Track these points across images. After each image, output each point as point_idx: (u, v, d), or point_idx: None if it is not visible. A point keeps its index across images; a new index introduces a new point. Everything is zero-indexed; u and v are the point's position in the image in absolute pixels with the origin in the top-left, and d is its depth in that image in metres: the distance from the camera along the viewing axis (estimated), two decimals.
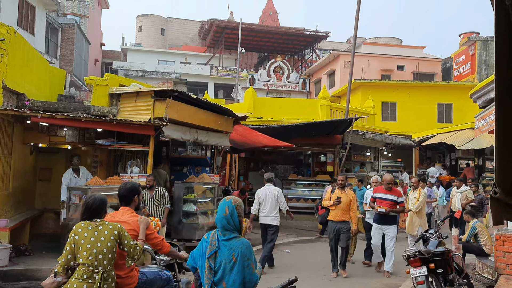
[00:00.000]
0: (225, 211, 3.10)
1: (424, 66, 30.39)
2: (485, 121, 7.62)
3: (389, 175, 8.11)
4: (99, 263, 3.43)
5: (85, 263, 3.41)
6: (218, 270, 2.99)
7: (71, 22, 24.33)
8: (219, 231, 3.10)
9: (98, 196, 3.75)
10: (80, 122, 7.65)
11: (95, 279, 3.39)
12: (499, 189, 2.38)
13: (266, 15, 41.49)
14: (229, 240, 3.05)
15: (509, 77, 2.34)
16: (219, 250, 3.02)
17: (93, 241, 3.46)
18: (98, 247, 3.45)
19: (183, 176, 10.81)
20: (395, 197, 7.73)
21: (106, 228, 3.54)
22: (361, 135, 15.96)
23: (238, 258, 2.98)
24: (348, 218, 7.74)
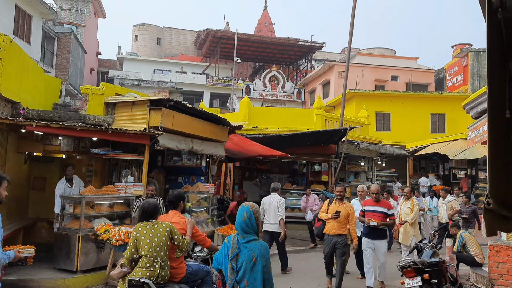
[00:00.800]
0: (244, 216, 3.41)
1: (418, 77, 30.65)
2: (478, 131, 7.69)
3: (376, 185, 7.70)
4: (157, 254, 4.22)
5: (146, 254, 4.20)
6: (240, 270, 3.29)
7: (68, 31, 24.37)
8: (239, 234, 3.41)
9: (152, 202, 4.60)
10: (75, 131, 7.63)
11: (155, 267, 4.19)
12: (492, 200, 2.41)
13: (261, 26, 41.75)
14: (248, 242, 3.35)
15: (501, 89, 2.38)
16: (240, 252, 3.32)
17: (152, 237, 4.25)
18: (156, 241, 4.23)
19: (178, 185, 10.79)
20: (385, 209, 7.36)
21: (161, 226, 4.34)
22: (355, 145, 16.03)
23: (258, 258, 3.28)
24: (345, 232, 7.21)
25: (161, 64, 38.09)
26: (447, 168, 20.05)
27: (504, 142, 2.44)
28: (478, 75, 25.46)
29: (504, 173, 2.44)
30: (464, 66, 26.54)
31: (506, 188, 2.45)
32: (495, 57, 2.32)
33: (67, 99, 20.71)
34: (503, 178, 2.43)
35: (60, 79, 15.88)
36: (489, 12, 2.19)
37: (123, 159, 9.09)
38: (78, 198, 7.55)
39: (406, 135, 23.26)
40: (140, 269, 4.19)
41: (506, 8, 2.16)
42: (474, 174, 17.24)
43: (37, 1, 18.93)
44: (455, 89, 27.22)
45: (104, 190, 7.97)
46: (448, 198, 10.91)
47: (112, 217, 8.14)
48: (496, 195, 2.40)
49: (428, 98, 25.44)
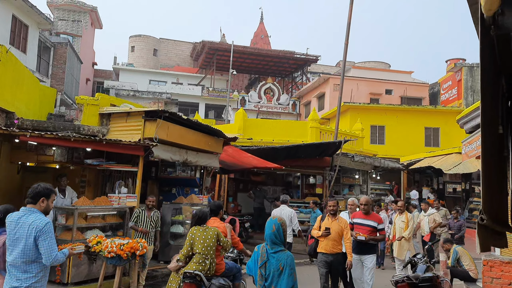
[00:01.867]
0: (273, 228, 3.82)
1: (412, 91, 30.88)
2: (472, 146, 7.73)
3: (365, 197, 7.33)
4: (208, 253, 5.15)
5: (200, 252, 5.14)
6: (268, 277, 3.67)
7: (64, 41, 24.40)
8: (268, 245, 3.79)
9: (204, 210, 5.64)
10: (69, 141, 7.60)
11: (206, 263, 5.14)
12: (486, 216, 2.41)
13: (257, 38, 42.01)
14: (276, 252, 3.74)
15: (494, 105, 2.40)
16: (268, 261, 3.69)
17: (204, 238, 5.19)
18: (207, 242, 5.17)
19: (172, 197, 10.74)
20: (375, 223, 6.89)
21: (210, 230, 5.29)
22: (350, 158, 16.04)
23: (285, 267, 3.65)
24: (340, 250, 6.57)
25: (157, 75, 38.16)
26: (441, 182, 20.11)
27: (497, 157, 2.45)
28: (472, 89, 25.69)
29: (497, 188, 2.45)
30: (458, 80, 26.79)
31: (500, 203, 2.45)
32: (488, 73, 2.34)
33: (62, 109, 20.67)
34: (496, 194, 2.44)
35: (55, 89, 15.86)
36: (482, 29, 2.22)
37: (117, 170, 9.05)
38: (71, 209, 7.48)
39: (400, 148, 23.35)
40: (194, 264, 5.12)
41: (499, 26, 2.19)
42: (468, 188, 17.29)
43: (34, 11, 18.97)
44: (449, 103, 27.43)
45: (97, 201, 7.91)
46: (430, 211, 10.69)
47: (105, 229, 8.08)
48: (490, 210, 2.41)
49: (423, 112, 25.60)
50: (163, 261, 9.06)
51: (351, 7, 14.47)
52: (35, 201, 3.86)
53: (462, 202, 16.98)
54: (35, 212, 3.78)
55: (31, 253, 3.64)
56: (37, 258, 3.67)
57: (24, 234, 3.64)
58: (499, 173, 2.44)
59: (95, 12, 33.00)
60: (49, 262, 3.69)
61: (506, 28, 2.18)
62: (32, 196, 3.87)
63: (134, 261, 6.97)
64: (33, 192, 3.89)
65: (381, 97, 30.28)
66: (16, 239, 3.68)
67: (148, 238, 7.86)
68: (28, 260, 3.64)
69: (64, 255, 3.90)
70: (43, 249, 3.64)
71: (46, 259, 3.67)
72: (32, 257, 3.64)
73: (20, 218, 3.74)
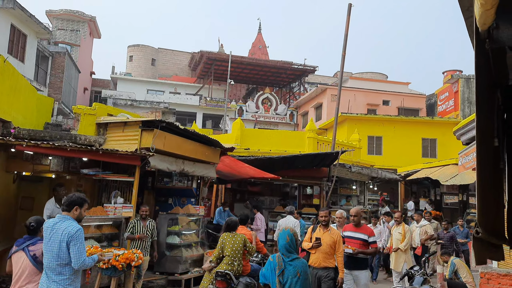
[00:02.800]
0: (287, 239, 4.19)
1: (409, 102, 31.02)
2: (468, 157, 7.74)
3: (356, 208, 7.04)
4: (236, 255, 6.02)
5: (229, 255, 6.00)
6: (286, 284, 4.01)
7: (62, 51, 24.47)
8: (284, 254, 4.13)
9: (234, 219, 6.69)
10: (65, 151, 7.58)
11: (234, 264, 5.99)
12: (481, 229, 2.40)
13: (255, 48, 42.23)
14: (293, 260, 4.11)
15: (489, 118, 2.41)
16: (286, 269, 4.03)
17: (233, 243, 6.07)
18: (235, 247, 6.05)
19: (168, 207, 10.68)
20: (365, 236, 6.50)
21: (239, 237, 6.20)
22: (347, 169, 16.04)
23: (301, 274, 4.02)
24: (332, 264, 6.09)
25: (155, 85, 38.24)
26: (439, 193, 20.09)
27: (493, 170, 2.45)
28: (469, 101, 25.82)
29: (493, 201, 2.44)
30: (454, 92, 26.92)
31: (496, 216, 2.45)
32: (483, 86, 2.35)
33: (59, 118, 20.64)
34: (492, 207, 2.43)
35: (53, 98, 15.84)
36: (477, 42, 2.23)
37: (113, 180, 9.01)
38: None
39: (397, 159, 23.36)
40: (224, 265, 5.96)
41: (494, 39, 2.20)
42: (466, 199, 17.27)
43: (33, 21, 19.04)
44: (446, 114, 27.54)
45: (92, 211, 7.86)
46: (422, 222, 10.49)
47: (100, 239, 8.02)
48: (485, 223, 2.40)
49: (420, 123, 25.68)
50: (159, 272, 8.98)
51: (348, 18, 14.58)
52: (69, 209, 4.19)
53: (460, 213, 16.94)
54: (68, 219, 4.12)
55: (65, 257, 3.97)
56: (70, 261, 3.99)
57: (58, 239, 3.98)
58: (495, 185, 2.44)
59: (93, 22, 33.13)
60: (77, 266, 3.99)
61: (501, 41, 2.19)
62: (67, 205, 4.20)
63: (130, 272, 6.92)
64: (68, 201, 4.22)
65: (378, 108, 30.39)
66: (51, 243, 4.00)
67: (144, 248, 7.80)
68: (62, 263, 3.97)
69: (93, 261, 4.25)
70: (72, 253, 3.96)
71: (74, 263, 3.98)
72: (65, 260, 3.97)
73: (55, 224, 4.07)
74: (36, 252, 4.29)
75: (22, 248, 4.36)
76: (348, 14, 14.55)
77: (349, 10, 14.57)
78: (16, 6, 17.53)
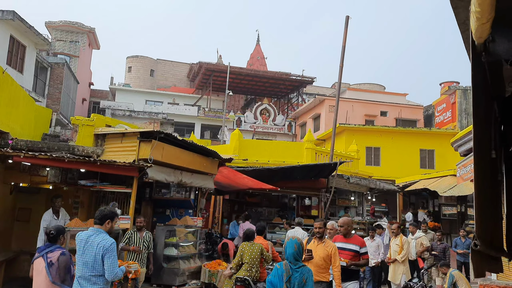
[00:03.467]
0: (294, 248, 4.41)
1: (407, 113, 31.12)
2: (466, 169, 7.75)
3: (344, 217, 6.73)
4: (254, 262, 6.56)
5: (248, 262, 6.53)
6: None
7: (61, 62, 24.54)
8: (291, 262, 4.36)
9: (251, 229, 7.35)
10: (63, 162, 7.56)
11: (252, 271, 6.51)
12: (480, 241, 2.40)
13: (254, 59, 42.45)
14: (299, 267, 4.35)
15: (486, 130, 2.41)
16: (292, 276, 4.24)
17: (251, 252, 6.62)
18: (253, 255, 6.60)
19: (166, 218, 10.63)
20: (356, 247, 6.24)
21: (256, 245, 6.76)
22: (345, 180, 16.02)
23: (307, 280, 4.27)
24: (325, 278, 5.74)
25: (153, 95, 38.33)
26: (437, 204, 20.05)
27: (490, 182, 2.45)
28: (466, 112, 25.91)
29: (491, 213, 2.44)
30: (452, 103, 27.03)
31: (494, 228, 2.44)
32: (480, 98, 2.37)
33: (57, 129, 20.62)
34: (490, 219, 2.43)
35: (51, 109, 15.86)
36: (474, 55, 2.25)
37: (111, 191, 8.98)
38: None
39: (396, 170, 23.36)
40: (243, 271, 6.50)
41: (490, 52, 2.22)
42: (464, 210, 17.25)
43: (32, 32, 19.12)
44: (443, 125, 27.62)
45: (90, 222, 7.81)
46: (418, 234, 10.36)
47: None
48: (484, 236, 2.39)
49: (417, 134, 25.73)
50: (156, 284, 8.91)
51: (345, 30, 14.70)
52: (102, 222, 4.42)
53: (458, 224, 16.90)
54: (102, 232, 4.35)
55: (99, 268, 4.21)
56: (104, 272, 4.24)
57: (93, 252, 4.20)
58: (492, 198, 2.43)
59: (93, 33, 33.30)
60: (110, 277, 4.23)
61: (497, 54, 2.21)
62: (100, 218, 4.42)
63: (126, 285, 6.86)
64: (100, 214, 4.45)
65: (376, 119, 30.47)
66: (85, 255, 4.23)
67: (140, 260, 7.74)
68: (97, 274, 4.21)
69: (122, 272, 4.48)
70: (107, 265, 4.20)
71: (108, 274, 4.22)
72: (100, 271, 4.22)
73: (90, 237, 4.29)
74: (52, 258, 4.46)
75: (42, 255, 4.55)
76: (346, 26, 14.67)
77: (347, 22, 14.70)
78: (15, 17, 17.62)
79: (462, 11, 2.39)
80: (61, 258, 4.49)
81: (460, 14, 2.45)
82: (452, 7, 2.38)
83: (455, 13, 2.43)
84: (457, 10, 2.41)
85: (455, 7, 2.38)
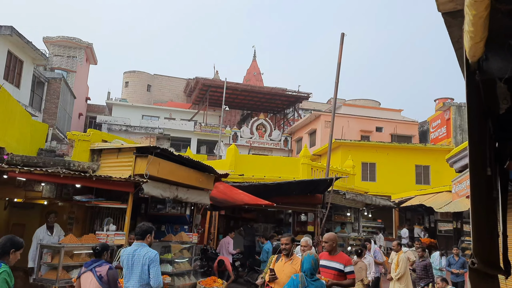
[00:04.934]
0: (311, 263, 4.64)
1: (402, 129, 31.28)
2: (462, 185, 7.76)
3: (331, 233, 6.07)
4: None
5: None
6: None
7: (58, 77, 24.58)
8: (307, 275, 4.58)
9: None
10: (58, 177, 7.51)
11: None
12: (477, 259, 2.39)
13: (250, 75, 42.70)
14: (315, 281, 4.59)
15: (481, 147, 2.43)
16: (307, 287, 4.48)
17: None
18: None
19: (161, 234, 10.54)
20: (340, 265, 5.66)
21: None
22: (341, 195, 16.00)
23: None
24: None
25: (150, 110, 38.38)
26: (433, 220, 20.03)
27: (486, 199, 2.45)
28: (461, 128, 26.08)
29: (487, 230, 2.44)
30: (446, 119, 27.22)
31: (490, 246, 2.44)
32: (475, 116, 2.39)
33: (53, 144, 20.53)
34: (487, 236, 2.43)
35: (47, 124, 15.83)
36: (468, 73, 2.28)
37: (106, 206, 8.91)
38: (57, 247, 7.30)
39: (391, 185, 23.37)
40: None
41: (483, 71, 2.25)
42: (460, 227, 17.23)
43: (29, 47, 19.19)
44: (438, 141, 27.75)
45: (84, 238, 7.74)
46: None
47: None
48: (481, 253, 2.39)
49: (413, 149, 25.83)
50: None
51: (341, 47, 14.84)
52: (143, 237, 4.97)
53: (454, 240, 16.87)
54: (145, 246, 4.91)
55: (146, 278, 4.70)
56: (149, 281, 4.70)
57: (140, 263, 4.71)
58: (489, 215, 2.44)
59: (90, 49, 33.47)
60: (155, 284, 4.68)
61: (491, 73, 2.24)
62: (141, 234, 4.98)
63: None
64: (141, 230, 5.00)
65: (371, 135, 30.59)
66: (134, 267, 4.72)
67: None
68: (144, 283, 4.69)
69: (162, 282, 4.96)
70: (152, 274, 4.69)
71: (153, 282, 4.68)
72: (146, 281, 4.70)
73: (135, 251, 4.81)
74: (102, 272, 4.90)
75: (90, 269, 4.95)
76: (341, 43, 14.82)
77: (342, 39, 14.86)
78: (13, 32, 17.69)
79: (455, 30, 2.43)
80: (110, 272, 4.93)
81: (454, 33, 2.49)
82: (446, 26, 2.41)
83: (449, 32, 2.47)
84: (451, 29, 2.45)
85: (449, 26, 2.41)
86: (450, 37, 2.57)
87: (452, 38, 2.59)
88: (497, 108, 3.08)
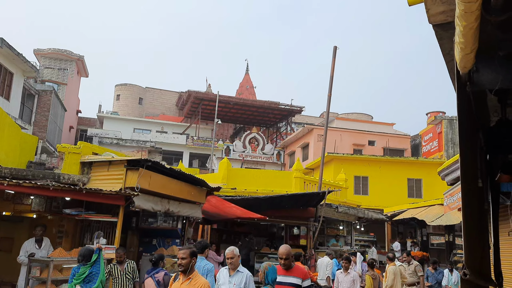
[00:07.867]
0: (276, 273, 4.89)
1: (394, 142, 31.45)
2: (453, 198, 7.78)
3: (284, 247, 5.38)
4: None
5: None
6: None
7: (49, 89, 24.46)
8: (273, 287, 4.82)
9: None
10: (48, 190, 7.42)
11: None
12: (469, 270, 2.38)
13: (243, 88, 42.86)
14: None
15: (472, 159, 2.44)
16: None
17: None
18: None
19: (152, 248, 10.42)
20: (298, 280, 5.20)
21: None
22: (334, 209, 15.98)
23: None
24: None
25: (142, 123, 38.28)
26: (425, 233, 20.03)
27: (477, 211, 2.45)
28: (452, 142, 26.29)
29: (479, 242, 2.43)
30: (438, 133, 27.44)
31: (482, 257, 2.43)
32: (466, 128, 2.40)
33: (43, 157, 20.33)
34: (478, 248, 2.42)
35: (37, 137, 15.69)
36: (459, 85, 2.29)
37: (96, 220, 8.80)
38: (46, 261, 7.18)
39: (384, 199, 23.40)
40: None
41: (474, 82, 2.26)
42: (452, 240, 17.24)
43: (20, 59, 19.12)
44: (430, 155, 27.92)
45: (74, 252, 7.62)
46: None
47: None
48: (472, 265, 2.38)
49: (405, 163, 25.95)
50: None
51: (333, 60, 14.97)
52: (202, 251, 5.97)
53: (446, 254, 16.85)
54: (203, 259, 5.92)
55: None
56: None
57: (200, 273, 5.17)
58: (480, 226, 2.44)
59: (81, 61, 33.42)
60: None
61: (481, 85, 2.26)
62: (201, 248, 5.95)
63: None
64: (201, 246, 6.06)
65: (364, 148, 30.72)
66: None
67: None
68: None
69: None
70: None
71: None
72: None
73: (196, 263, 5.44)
74: (159, 278, 6.15)
75: (150, 275, 6.35)
76: (334, 57, 14.95)
77: (335, 53, 15.00)
78: (3, 44, 17.63)
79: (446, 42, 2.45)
80: (165, 278, 6.22)
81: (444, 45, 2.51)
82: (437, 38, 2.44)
83: (440, 44, 2.49)
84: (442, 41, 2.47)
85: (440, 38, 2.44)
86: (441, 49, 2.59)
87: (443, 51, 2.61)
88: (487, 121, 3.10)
